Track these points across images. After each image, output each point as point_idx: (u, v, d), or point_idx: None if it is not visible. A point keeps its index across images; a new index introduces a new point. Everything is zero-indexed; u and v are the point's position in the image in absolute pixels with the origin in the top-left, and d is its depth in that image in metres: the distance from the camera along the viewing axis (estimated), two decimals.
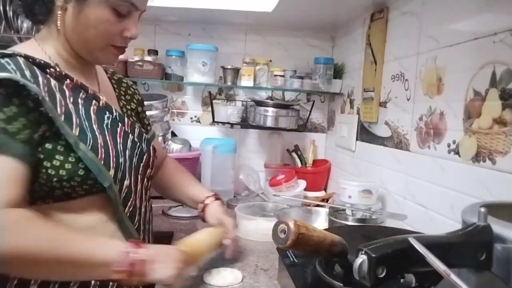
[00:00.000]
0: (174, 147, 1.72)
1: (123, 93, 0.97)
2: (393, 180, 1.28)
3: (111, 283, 0.77)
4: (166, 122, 1.75)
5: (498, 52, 0.84)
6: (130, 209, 0.82)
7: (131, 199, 0.83)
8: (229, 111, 1.84)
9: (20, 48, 0.77)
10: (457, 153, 0.97)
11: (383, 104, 1.38)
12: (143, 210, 0.89)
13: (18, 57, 0.72)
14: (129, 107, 0.96)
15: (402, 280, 0.70)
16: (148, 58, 1.77)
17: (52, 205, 0.74)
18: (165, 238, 1.20)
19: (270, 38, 1.96)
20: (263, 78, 1.87)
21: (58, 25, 0.76)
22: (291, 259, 0.87)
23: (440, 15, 1.07)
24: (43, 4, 0.76)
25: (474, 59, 0.91)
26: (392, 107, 1.32)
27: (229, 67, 1.82)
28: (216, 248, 0.93)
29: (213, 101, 1.87)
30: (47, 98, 0.71)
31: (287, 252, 0.89)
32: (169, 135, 1.80)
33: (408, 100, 1.21)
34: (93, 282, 0.76)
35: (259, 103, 1.78)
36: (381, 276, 0.51)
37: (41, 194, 0.73)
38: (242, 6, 1.58)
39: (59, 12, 0.75)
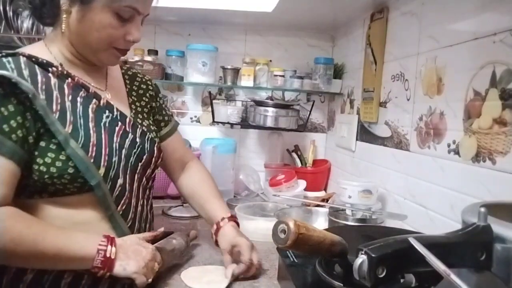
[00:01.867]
0: None
1: (135, 88, 0.98)
2: (393, 180, 1.28)
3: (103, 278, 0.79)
4: None
5: (498, 52, 0.84)
6: (123, 207, 0.84)
7: (125, 197, 0.84)
8: (229, 111, 1.84)
9: (29, 49, 0.81)
10: (457, 153, 0.97)
11: (383, 104, 1.38)
12: (139, 209, 0.89)
13: (21, 57, 0.76)
14: (138, 104, 0.97)
15: (402, 280, 0.70)
16: (148, 58, 1.77)
17: (48, 200, 0.77)
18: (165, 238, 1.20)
19: (270, 38, 1.96)
20: (263, 78, 1.87)
21: (63, 28, 0.79)
22: (291, 259, 0.87)
23: (440, 15, 1.07)
24: (50, 8, 0.79)
25: (474, 59, 0.91)
26: (392, 107, 1.32)
27: (229, 67, 1.82)
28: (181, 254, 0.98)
29: (213, 101, 1.87)
30: (41, 96, 0.74)
31: (287, 252, 0.89)
32: None
33: (408, 100, 1.21)
34: (86, 276, 0.80)
35: (259, 103, 1.78)
36: (381, 276, 0.51)
37: (37, 189, 0.76)
38: (242, 6, 1.57)
39: (64, 15, 0.78)
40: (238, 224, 1.01)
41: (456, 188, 0.96)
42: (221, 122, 1.89)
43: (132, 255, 0.77)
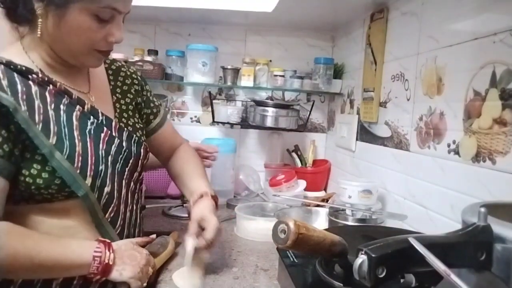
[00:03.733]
0: None
1: (119, 85, 0.95)
2: (393, 180, 1.28)
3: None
4: None
5: (498, 52, 0.84)
6: (111, 214, 0.82)
7: (113, 204, 0.83)
8: (229, 111, 1.84)
9: (5, 53, 0.76)
10: (457, 153, 0.97)
11: (383, 104, 1.38)
12: (127, 215, 0.88)
13: None
14: (123, 102, 0.94)
15: (402, 280, 0.70)
16: (148, 58, 1.77)
17: (34, 206, 0.76)
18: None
19: (270, 38, 1.97)
20: (263, 78, 1.87)
21: (39, 33, 0.74)
22: (291, 259, 0.87)
23: (440, 15, 1.07)
24: (23, 11, 0.74)
25: (474, 59, 0.91)
26: (392, 107, 1.32)
27: (229, 67, 1.82)
28: (169, 256, 1.00)
29: (213, 101, 1.87)
30: (23, 108, 0.70)
31: (287, 252, 0.89)
32: None
33: (408, 100, 1.21)
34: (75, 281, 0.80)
35: (259, 103, 1.78)
36: (381, 276, 0.51)
37: (24, 197, 0.74)
38: (242, 6, 1.57)
39: (40, 20, 0.74)
40: (216, 206, 0.98)
41: (456, 188, 0.96)
42: (221, 122, 1.88)
43: (128, 260, 0.77)
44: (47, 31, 0.75)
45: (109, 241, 0.78)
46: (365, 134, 1.52)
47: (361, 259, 0.51)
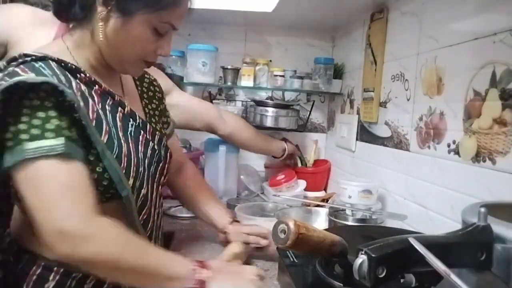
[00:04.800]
0: None
1: (145, 90, 0.96)
2: (393, 180, 1.28)
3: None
4: None
5: (498, 52, 0.84)
6: (144, 217, 0.82)
7: (146, 207, 0.83)
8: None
9: (48, 49, 0.75)
10: (457, 153, 0.97)
11: (383, 104, 1.38)
12: (155, 217, 0.88)
13: (50, 61, 0.70)
14: (150, 107, 0.95)
15: (402, 280, 0.70)
16: None
17: None
18: (165, 238, 1.20)
19: (270, 38, 1.97)
20: (263, 78, 1.87)
21: (100, 36, 0.74)
22: (291, 259, 0.87)
23: (440, 15, 1.07)
24: (82, 9, 0.74)
25: (474, 59, 0.91)
26: (392, 107, 1.32)
27: (229, 67, 1.82)
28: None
29: (213, 101, 1.87)
30: (81, 104, 0.70)
31: (287, 252, 0.89)
32: None
33: (408, 100, 1.21)
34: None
35: (259, 103, 1.78)
36: (381, 276, 0.51)
37: None
38: (242, 6, 1.58)
39: (101, 23, 0.74)
40: (237, 220, 1.08)
41: (456, 188, 0.96)
42: None
43: (223, 277, 0.75)
44: (105, 35, 0.75)
45: (204, 260, 0.77)
46: (365, 134, 1.52)
47: (361, 259, 0.51)
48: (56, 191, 0.65)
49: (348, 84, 1.75)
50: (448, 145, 1.00)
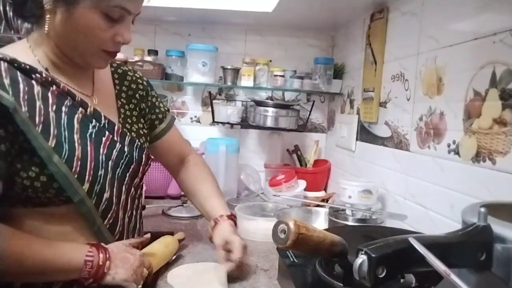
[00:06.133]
0: None
1: (124, 89, 0.94)
2: (393, 180, 1.28)
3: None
4: None
5: (498, 52, 0.84)
6: (110, 221, 0.81)
7: (112, 211, 0.81)
8: (229, 111, 1.84)
9: (10, 49, 0.75)
10: (457, 153, 0.97)
11: (383, 104, 1.38)
12: (126, 220, 0.87)
13: (2, 62, 0.69)
14: (128, 107, 0.92)
15: (402, 280, 0.70)
16: (148, 58, 1.77)
17: (32, 210, 0.74)
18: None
19: (270, 38, 1.97)
20: (263, 78, 1.87)
21: (46, 29, 0.73)
22: (291, 259, 0.87)
23: (440, 15, 1.07)
24: (32, 6, 0.73)
25: (474, 59, 0.91)
26: (392, 107, 1.32)
27: (229, 67, 1.82)
28: (171, 257, 0.99)
29: (213, 101, 1.87)
30: (23, 108, 0.68)
31: (287, 252, 0.89)
32: None
33: (408, 100, 1.21)
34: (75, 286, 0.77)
35: (259, 103, 1.78)
36: (381, 276, 0.51)
37: (20, 200, 0.72)
38: (242, 6, 1.57)
39: (48, 16, 0.73)
40: (235, 224, 1.00)
41: (456, 188, 0.96)
42: (221, 122, 1.89)
43: (120, 263, 0.75)
44: (55, 28, 0.74)
45: (102, 244, 0.76)
46: (365, 134, 1.52)
47: (361, 259, 0.51)
48: None
49: (348, 84, 1.75)
50: (448, 145, 1.00)
